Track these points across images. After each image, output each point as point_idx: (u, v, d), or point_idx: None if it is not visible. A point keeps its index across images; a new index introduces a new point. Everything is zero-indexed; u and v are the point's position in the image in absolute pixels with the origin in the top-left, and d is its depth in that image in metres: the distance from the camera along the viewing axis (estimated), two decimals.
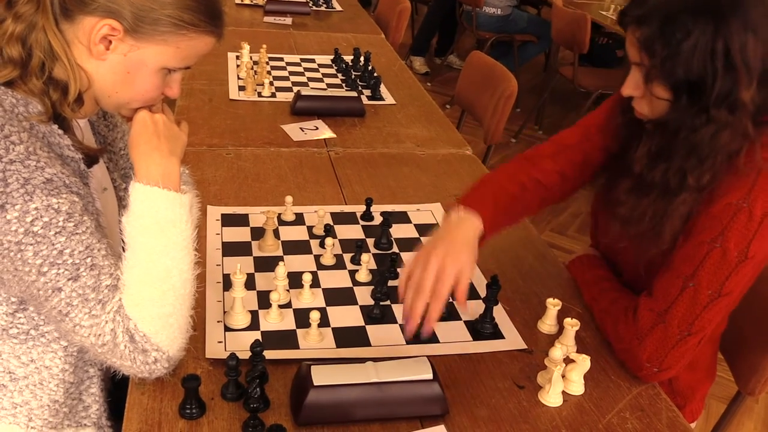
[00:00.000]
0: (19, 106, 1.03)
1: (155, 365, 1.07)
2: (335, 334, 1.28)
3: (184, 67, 1.12)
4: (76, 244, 1.01)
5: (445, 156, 2.07)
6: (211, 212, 1.63)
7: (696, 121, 1.13)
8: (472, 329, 1.33)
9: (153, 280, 1.06)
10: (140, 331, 1.05)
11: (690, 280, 1.18)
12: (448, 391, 1.16)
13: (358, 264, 1.47)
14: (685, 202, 1.18)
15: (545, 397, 1.17)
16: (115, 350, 1.04)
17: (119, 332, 1.03)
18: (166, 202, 1.07)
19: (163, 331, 1.06)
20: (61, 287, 1.00)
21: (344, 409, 1.07)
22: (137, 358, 1.05)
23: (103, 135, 1.28)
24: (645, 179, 1.21)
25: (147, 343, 1.05)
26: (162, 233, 1.07)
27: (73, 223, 1.01)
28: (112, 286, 1.04)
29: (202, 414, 1.08)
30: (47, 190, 0.98)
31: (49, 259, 0.99)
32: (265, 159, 1.93)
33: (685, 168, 1.16)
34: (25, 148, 0.99)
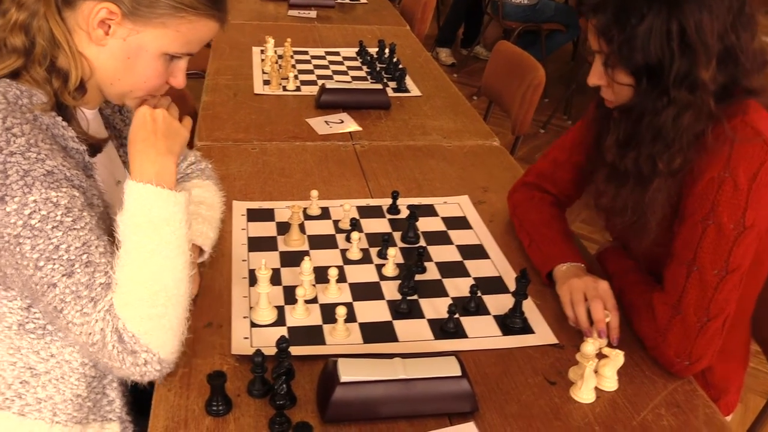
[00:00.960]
0: (23, 97, 1.03)
1: (145, 367, 1.03)
2: (362, 329, 1.27)
3: (186, 54, 1.11)
4: (73, 240, 1.00)
5: (472, 148, 2.05)
6: (237, 207, 1.63)
7: (658, 104, 1.14)
8: (501, 324, 1.31)
9: (144, 280, 1.03)
10: (129, 332, 1.01)
11: (693, 265, 1.16)
12: (478, 387, 1.14)
13: (385, 258, 1.45)
14: (660, 189, 1.18)
15: (577, 393, 1.15)
16: (104, 350, 1.02)
17: (108, 332, 1.01)
18: (159, 201, 1.05)
19: (154, 333, 1.03)
20: (55, 283, 0.99)
21: (371, 406, 1.06)
22: (126, 359, 1.02)
23: (118, 129, 1.28)
24: (618, 168, 1.22)
25: (136, 344, 1.02)
26: (154, 232, 1.04)
27: (72, 218, 1.00)
28: (105, 285, 1.02)
29: (228, 411, 1.07)
30: (47, 182, 0.98)
31: (45, 254, 0.98)
32: (291, 153, 1.92)
33: (653, 153, 1.16)
34: (26, 140, 0.98)
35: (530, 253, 1.47)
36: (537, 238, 1.46)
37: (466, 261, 1.49)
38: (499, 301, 1.36)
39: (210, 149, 1.90)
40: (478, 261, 1.49)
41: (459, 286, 1.41)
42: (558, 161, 1.54)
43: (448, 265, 1.47)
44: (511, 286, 1.39)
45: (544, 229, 1.46)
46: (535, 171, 1.60)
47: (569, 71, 5.41)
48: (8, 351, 1.10)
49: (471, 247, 1.55)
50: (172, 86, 1.15)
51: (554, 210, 1.52)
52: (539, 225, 1.48)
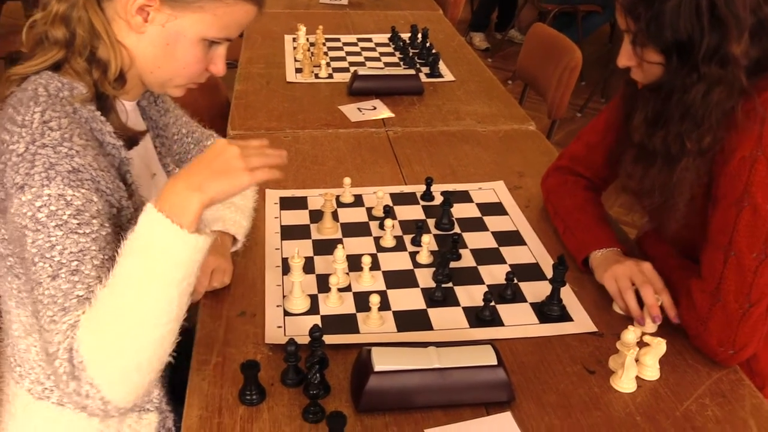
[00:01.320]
0: (64, 90, 1.04)
1: (87, 400, 0.90)
2: (396, 317, 1.26)
3: (225, 39, 1.10)
4: (70, 244, 0.94)
5: (507, 132, 2.02)
6: (270, 196, 1.63)
7: (687, 81, 1.12)
8: (538, 312, 1.29)
9: (116, 308, 0.91)
10: (80, 355, 0.89)
11: (730, 250, 1.13)
12: (514, 376, 1.12)
13: (419, 245, 1.44)
14: (688, 168, 1.15)
15: (618, 382, 1.13)
16: (53, 366, 0.91)
17: (62, 348, 0.91)
18: (162, 230, 0.92)
19: (104, 367, 0.90)
20: (41, 282, 0.94)
21: (406, 396, 1.05)
22: (69, 383, 0.90)
23: (154, 120, 1.28)
24: (647, 148, 1.19)
25: (83, 371, 0.89)
26: (146, 263, 0.92)
27: (78, 221, 0.95)
28: (82, 299, 0.93)
29: (262, 400, 1.07)
30: (68, 179, 0.95)
31: (41, 251, 0.94)
32: (323, 141, 1.92)
33: (682, 132, 1.14)
34: (61, 134, 0.98)
35: (565, 240, 1.45)
36: (571, 225, 1.43)
37: (502, 248, 1.47)
38: (536, 288, 1.34)
39: (243, 138, 1.87)
40: (514, 247, 1.48)
41: (494, 273, 1.39)
42: (591, 144, 1.51)
43: (484, 252, 1.46)
44: (548, 273, 1.36)
45: (578, 215, 1.44)
46: (568, 154, 1.57)
47: (607, 53, 5.31)
48: None
49: (507, 233, 1.53)
50: (211, 74, 1.14)
51: (588, 194, 1.49)
52: (573, 210, 1.45)
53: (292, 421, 1.04)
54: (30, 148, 0.96)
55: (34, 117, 0.98)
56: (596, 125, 1.51)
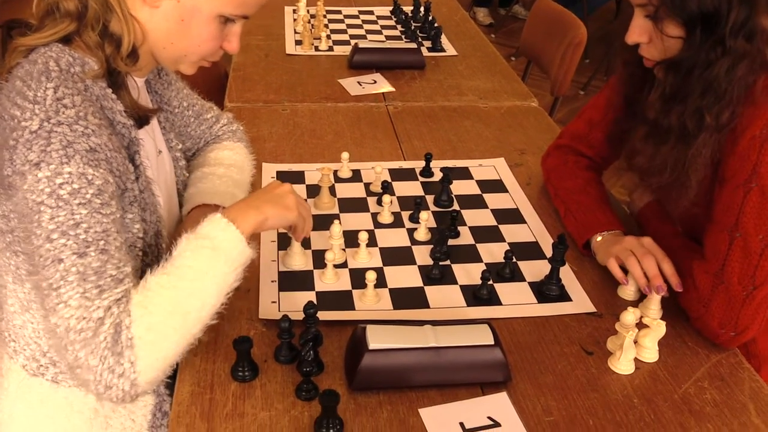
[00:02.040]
0: (76, 65, 1.01)
1: (118, 379, 0.93)
2: (392, 295, 1.25)
3: (241, 16, 1.08)
4: (95, 223, 0.95)
5: (509, 108, 2.00)
6: (267, 169, 1.61)
7: (711, 55, 1.09)
8: (536, 291, 1.28)
9: (172, 296, 0.97)
10: (131, 333, 0.93)
11: (735, 231, 1.11)
12: (511, 356, 1.12)
13: (417, 222, 1.43)
14: (705, 144, 1.13)
15: (616, 364, 1.12)
16: (91, 340, 0.92)
17: (108, 323, 0.93)
18: (232, 237, 1.03)
19: (150, 348, 0.94)
20: (62, 259, 0.93)
21: (401, 374, 1.04)
22: (108, 358, 0.92)
23: (159, 93, 1.27)
24: (661, 125, 1.17)
25: (129, 348, 0.93)
26: (211, 259, 1.01)
27: (100, 201, 0.96)
28: (116, 279, 0.96)
29: (254, 377, 1.06)
30: (87, 158, 0.95)
31: (62, 228, 0.93)
32: (322, 114, 1.90)
33: (701, 107, 1.12)
34: (76, 112, 0.96)
35: (566, 223, 1.43)
36: (572, 207, 1.42)
37: (501, 225, 1.46)
38: (534, 267, 1.33)
39: (240, 110, 1.88)
40: (513, 226, 1.46)
41: (493, 251, 1.37)
42: (593, 121, 1.49)
43: (483, 230, 1.44)
44: (547, 252, 1.35)
45: (579, 197, 1.42)
46: (568, 133, 1.55)
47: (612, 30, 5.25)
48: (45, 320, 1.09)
49: (506, 211, 1.51)
50: (226, 51, 1.12)
51: (590, 175, 1.47)
52: (574, 192, 1.44)
53: (284, 399, 1.03)
54: (45, 126, 0.94)
55: (47, 93, 0.96)
56: (597, 102, 1.49)
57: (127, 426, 1.16)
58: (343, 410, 1.01)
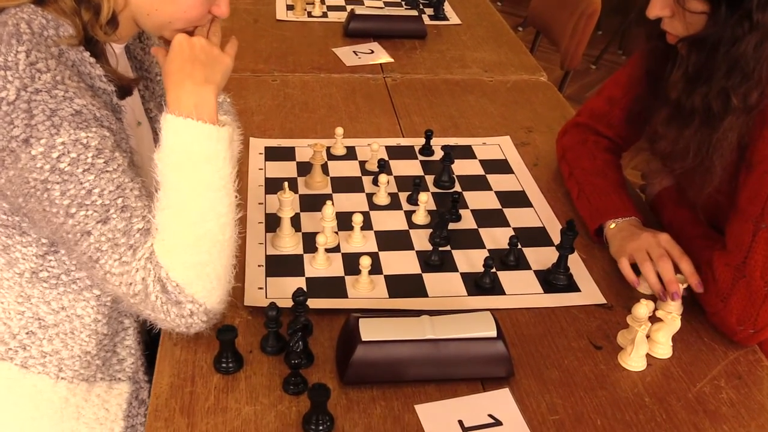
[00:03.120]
0: (49, 28, 1.00)
1: (191, 318, 1.03)
2: (388, 282, 1.24)
3: None
4: (107, 183, 0.98)
5: (516, 83, 2.00)
6: (254, 145, 1.60)
7: (737, 31, 1.08)
8: (543, 280, 1.27)
9: (186, 224, 1.02)
10: (173, 281, 1.01)
11: (761, 221, 1.11)
12: (514, 350, 1.11)
13: (416, 204, 1.42)
14: (732, 128, 1.12)
15: (626, 360, 1.12)
16: (147, 301, 1.01)
17: (150, 281, 1.00)
18: (201, 136, 1.03)
19: (199, 281, 1.02)
20: (90, 230, 0.98)
21: (396, 368, 1.04)
22: (171, 310, 1.02)
23: (139, 60, 1.26)
24: (684, 106, 1.17)
25: (181, 294, 1.01)
26: (196, 171, 1.02)
27: (103, 159, 0.98)
28: (144, 231, 1.01)
29: (239, 368, 1.06)
30: (75, 123, 0.96)
31: (77, 200, 0.97)
32: (315, 86, 1.90)
33: (727, 87, 1.11)
34: (52, 76, 0.96)
35: (578, 205, 1.42)
36: (587, 189, 1.41)
37: (506, 209, 1.46)
38: (541, 254, 1.33)
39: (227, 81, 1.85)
40: (519, 209, 1.46)
41: (497, 236, 1.37)
42: (613, 99, 1.48)
43: (486, 213, 1.44)
44: (555, 239, 1.34)
45: (595, 179, 1.41)
46: (587, 111, 1.54)
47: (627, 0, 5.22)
48: (17, 299, 1.10)
49: (512, 193, 1.51)
50: (214, 16, 1.12)
51: (609, 157, 1.46)
52: (590, 174, 1.43)
53: (270, 392, 1.03)
54: (22, 95, 0.95)
55: (18, 58, 0.96)
56: (618, 79, 1.48)
57: (101, 416, 1.16)
58: (334, 406, 1.01)
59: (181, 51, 1.07)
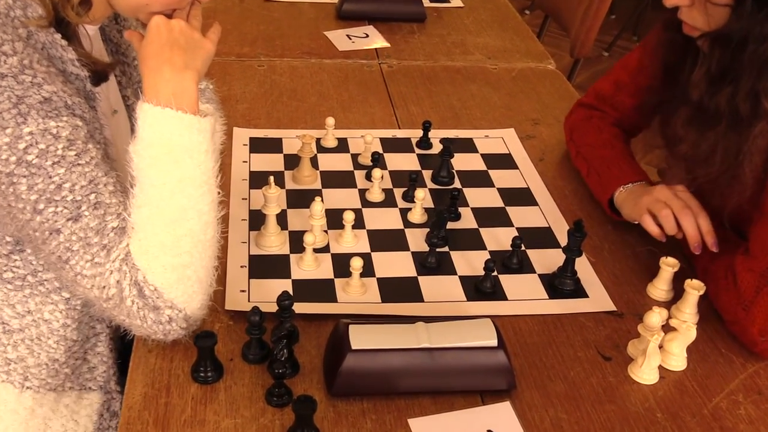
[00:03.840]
0: (16, 8, 1.00)
1: (170, 325, 1.03)
2: (381, 285, 1.25)
3: None
4: (78, 178, 0.98)
5: (522, 71, 2.01)
6: (238, 135, 1.61)
7: (766, 27, 1.08)
8: (548, 285, 1.28)
9: (165, 223, 1.02)
10: (150, 284, 1.01)
11: None
12: (516, 360, 1.12)
13: (412, 201, 1.43)
14: (763, 133, 1.12)
15: (637, 372, 1.12)
16: (122, 306, 1.01)
17: (126, 285, 1.00)
18: (180, 127, 1.02)
19: (178, 285, 1.02)
20: (59, 228, 0.98)
21: (388, 379, 1.04)
22: (148, 316, 1.02)
23: (115, 42, 1.26)
24: (707, 107, 1.16)
25: (159, 298, 1.01)
26: (175, 165, 1.02)
27: (75, 151, 0.98)
28: (119, 229, 1.01)
29: (218, 378, 1.06)
30: (44, 111, 0.96)
31: (46, 195, 0.96)
32: (304, 72, 1.90)
33: (757, 89, 1.10)
34: (19, 60, 0.96)
35: (589, 182, 1.46)
36: (595, 163, 1.44)
37: (509, 207, 1.46)
38: (546, 257, 1.33)
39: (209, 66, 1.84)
40: (523, 208, 1.46)
41: (499, 237, 1.38)
42: (620, 83, 1.50)
43: (487, 212, 1.44)
44: (562, 240, 1.35)
45: (602, 151, 1.45)
46: (594, 92, 1.57)
47: None
48: None
49: (516, 190, 1.51)
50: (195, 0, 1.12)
51: (615, 130, 1.49)
52: (597, 147, 1.47)
53: (252, 404, 1.03)
54: None
55: None
56: (628, 63, 1.50)
57: (69, 428, 1.16)
58: (321, 419, 1.01)
59: (158, 34, 1.06)
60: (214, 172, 1.05)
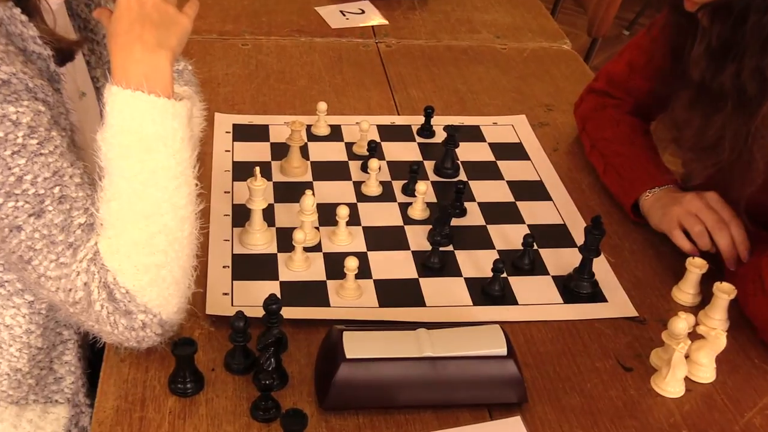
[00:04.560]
0: None
1: (143, 331, 1.03)
2: (378, 288, 1.25)
3: None
4: (41, 169, 0.97)
5: (534, 51, 2.01)
6: (220, 122, 1.61)
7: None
8: (563, 288, 1.28)
9: (137, 218, 1.01)
10: (121, 287, 1.01)
11: None
12: (528, 370, 1.12)
13: (412, 195, 1.43)
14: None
15: (661, 384, 1.12)
16: (90, 311, 1.01)
17: (94, 287, 1.00)
18: (153, 112, 1.01)
19: (152, 287, 1.02)
20: (20, 225, 0.97)
21: (386, 391, 1.04)
22: (119, 321, 1.01)
23: (83, 18, 1.25)
24: (709, 87, 1.18)
25: (131, 302, 1.01)
26: (148, 154, 1.01)
27: (37, 140, 0.97)
28: (86, 226, 1.00)
29: (198, 390, 1.06)
30: (2, 95, 0.95)
31: (5, 188, 0.96)
32: (293, 52, 1.90)
33: (762, 66, 1.12)
34: None
35: (606, 181, 1.46)
36: (615, 161, 1.44)
37: (520, 202, 1.47)
38: (561, 257, 1.34)
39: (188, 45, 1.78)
40: (535, 203, 1.47)
41: (509, 235, 1.38)
42: (634, 65, 1.50)
43: (496, 207, 1.45)
44: (578, 239, 1.35)
45: (621, 148, 1.45)
46: (605, 75, 1.58)
47: None
48: None
49: (527, 183, 1.52)
50: None
51: (633, 120, 1.50)
52: (615, 142, 1.46)
53: (236, 419, 1.03)
54: None
55: None
56: (641, 43, 1.51)
57: None
58: None
59: (128, 9, 1.05)
60: (191, 162, 1.05)
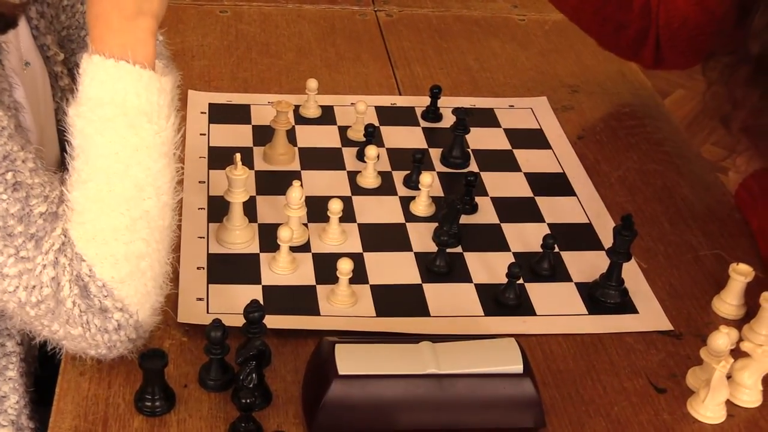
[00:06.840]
0: None
1: (117, 334, 1.03)
2: (375, 294, 1.26)
3: None
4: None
5: (557, 24, 2.00)
6: (195, 101, 1.61)
7: None
8: (587, 297, 1.29)
9: (117, 202, 1.01)
10: (98, 279, 1.00)
11: None
12: (546, 390, 1.13)
13: (416, 188, 1.43)
14: None
15: (699, 408, 1.13)
16: (59, 310, 1.00)
17: (65, 282, 1.00)
18: (138, 85, 1.02)
19: (131, 280, 1.02)
20: None
21: (384, 413, 1.05)
22: (92, 321, 1.01)
23: None
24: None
25: (107, 297, 1.01)
26: (131, 130, 1.01)
27: None
28: (48, 215, 1.00)
29: (169, 409, 1.06)
30: None
31: None
32: (279, 21, 1.90)
33: None
34: None
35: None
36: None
37: (540, 198, 1.47)
38: (586, 261, 1.34)
39: None
40: (557, 199, 1.48)
41: (526, 235, 1.39)
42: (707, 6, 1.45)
43: (512, 203, 1.46)
44: (606, 241, 1.36)
45: None
46: None
47: None
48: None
49: (548, 176, 1.53)
50: None
51: None
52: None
53: None
54: None
55: None
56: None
57: None
58: None
59: None
60: (175, 144, 1.06)
